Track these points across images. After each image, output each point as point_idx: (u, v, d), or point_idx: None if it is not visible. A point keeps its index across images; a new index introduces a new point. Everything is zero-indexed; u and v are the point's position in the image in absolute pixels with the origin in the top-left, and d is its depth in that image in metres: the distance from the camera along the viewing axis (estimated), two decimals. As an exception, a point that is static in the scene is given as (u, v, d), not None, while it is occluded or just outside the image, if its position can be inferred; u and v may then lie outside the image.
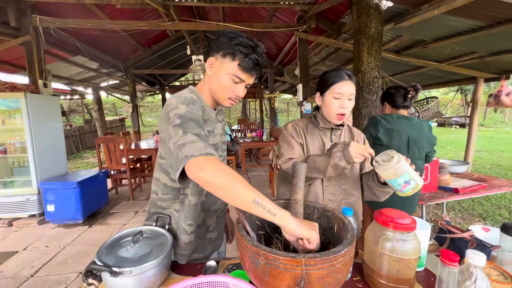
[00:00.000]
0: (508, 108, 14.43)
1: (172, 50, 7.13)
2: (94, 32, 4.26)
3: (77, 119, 16.03)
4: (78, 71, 5.73)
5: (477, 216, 3.35)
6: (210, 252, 1.00)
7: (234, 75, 0.80)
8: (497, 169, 5.78)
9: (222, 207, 1.00)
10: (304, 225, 0.62)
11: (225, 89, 0.83)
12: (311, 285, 0.53)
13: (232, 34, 0.80)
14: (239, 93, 0.84)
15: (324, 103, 1.04)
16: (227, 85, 0.82)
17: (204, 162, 0.63)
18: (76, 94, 9.62)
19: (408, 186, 0.83)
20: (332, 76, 1.01)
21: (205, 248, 0.98)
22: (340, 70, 1.02)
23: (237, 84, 0.83)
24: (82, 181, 3.06)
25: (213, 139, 0.92)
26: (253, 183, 4.77)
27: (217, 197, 0.86)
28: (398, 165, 0.81)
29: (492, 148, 8.56)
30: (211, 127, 0.91)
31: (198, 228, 0.91)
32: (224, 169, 0.63)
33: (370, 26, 2.23)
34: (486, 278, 0.51)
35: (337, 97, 1.00)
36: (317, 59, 5.06)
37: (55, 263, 2.31)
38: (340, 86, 0.99)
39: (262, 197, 0.61)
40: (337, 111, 1.01)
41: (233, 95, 0.84)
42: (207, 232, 0.97)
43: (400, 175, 0.81)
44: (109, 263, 0.67)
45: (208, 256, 1.00)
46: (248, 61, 0.79)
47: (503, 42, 2.96)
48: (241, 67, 0.79)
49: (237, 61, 0.79)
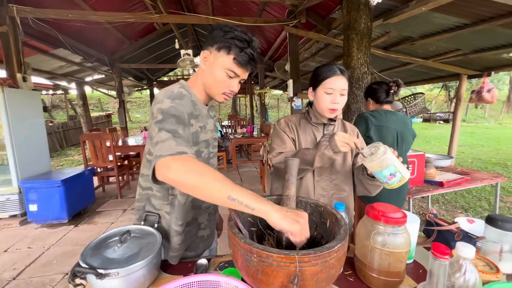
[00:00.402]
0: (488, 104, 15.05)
1: (160, 44, 6.95)
2: (77, 24, 4.07)
3: (61, 115, 15.43)
4: (60, 65, 5.47)
5: (460, 208, 3.49)
6: (202, 250, 0.99)
7: (229, 69, 0.79)
8: (478, 163, 6.03)
9: (212, 205, 0.98)
10: (287, 218, 0.58)
11: (219, 83, 0.81)
12: (304, 282, 0.52)
13: (227, 28, 0.78)
14: (234, 88, 0.83)
15: (316, 98, 1.04)
16: (221, 80, 0.80)
17: (172, 162, 0.60)
18: (59, 89, 9.25)
19: (394, 178, 0.83)
20: (324, 71, 1.01)
21: (197, 246, 0.96)
22: (333, 65, 1.02)
23: (232, 79, 0.81)
24: (67, 179, 2.95)
25: (204, 135, 0.90)
26: (244, 179, 4.77)
27: None
28: (384, 157, 0.81)
29: (473, 142, 8.92)
30: (203, 123, 0.88)
31: (188, 226, 0.89)
32: (194, 167, 0.60)
33: (359, 22, 2.24)
34: (475, 270, 0.53)
35: (329, 92, 0.99)
36: (307, 55, 5.06)
37: (39, 265, 2.22)
38: (332, 81, 0.99)
39: (238, 191, 0.58)
40: (329, 106, 1.00)
41: (227, 90, 0.83)
42: (199, 230, 0.95)
43: (386, 167, 0.82)
44: (94, 264, 0.64)
45: (200, 254, 0.98)
46: (244, 55, 0.77)
47: (485, 39, 3.05)
48: (236, 61, 0.78)
49: (233, 55, 0.77)
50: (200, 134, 0.86)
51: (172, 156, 0.61)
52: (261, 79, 7.50)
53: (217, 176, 0.60)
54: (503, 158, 6.48)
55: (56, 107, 16.46)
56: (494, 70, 3.95)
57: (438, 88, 17.11)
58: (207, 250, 1.04)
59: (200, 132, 0.87)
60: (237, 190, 0.58)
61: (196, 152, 0.86)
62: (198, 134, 0.86)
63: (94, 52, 5.46)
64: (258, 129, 6.65)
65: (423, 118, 16.04)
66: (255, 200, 0.58)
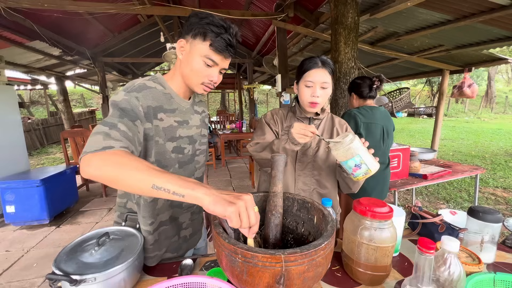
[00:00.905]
0: (469, 99, 15.63)
1: (145, 37, 6.71)
2: (54, 14, 3.85)
3: (41, 111, 14.74)
4: (37, 58, 5.17)
5: (442, 199, 3.63)
6: (184, 250, 0.94)
7: (205, 56, 0.74)
8: (459, 155, 6.28)
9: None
10: (220, 201, 0.50)
11: (197, 73, 0.77)
12: (291, 281, 0.51)
13: (203, 14, 0.74)
14: (213, 77, 0.78)
15: (299, 91, 1.03)
16: (199, 69, 0.76)
17: (92, 157, 0.56)
18: (38, 84, 8.80)
19: (359, 170, 0.81)
20: (306, 63, 0.99)
21: (179, 247, 0.92)
22: (316, 58, 0.99)
23: (210, 68, 0.77)
24: (47, 178, 2.82)
25: (186, 130, 0.86)
26: (233, 175, 4.74)
27: None
28: (350, 146, 0.78)
29: (454, 136, 9.27)
30: (182, 118, 0.84)
31: (164, 225, 0.85)
32: (114, 160, 0.56)
33: (347, 16, 2.24)
34: (459, 263, 0.53)
35: (309, 85, 0.97)
36: (295, 50, 5.04)
37: (18, 269, 2.12)
38: (311, 73, 0.97)
39: (164, 178, 0.52)
40: (309, 100, 0.98)
41: (206, 79, 0.78)
42: (180, 230, 0.91)
43: (351, 157, 0.79)
44: (69, 270, 0.60)
45: (183, 254, 0.94)
46: (220, 40, 0.73)
47: (467, 35, 3.14)
48: (213, 47, 0.73)
49: (209, 41, 0.73)
50: (177, 129, 0.82)
51: (94, 153, 0.57)
52: (250, 74, 7.42)
53: (139, 165, 0.54)
54: (482, 150, 6.78)
55: (35, 103, 15.69)
56: (475, 66, 4.08)
57: (422, 83, 17.62)
58: (192, 250, 1.01)
59: (178, 127, 0.82)
60: (162, 178, 0.52)
61: (174, 148, 0.82)
62: (174, 129, 0.81)
63: (74, 45, 5.19)
64: (247, 125, 6.61)
65: (408, 113, 16.49)
66: (184, 185, 0.51)
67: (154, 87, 0.78)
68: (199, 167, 0.95)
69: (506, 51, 9.12)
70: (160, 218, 0.83)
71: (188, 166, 0.88)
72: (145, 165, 0.55)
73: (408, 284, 0.53)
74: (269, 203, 0.73)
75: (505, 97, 19.11)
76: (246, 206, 0.51)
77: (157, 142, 0.78)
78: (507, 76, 27.15)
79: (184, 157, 0.86)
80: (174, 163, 0.83)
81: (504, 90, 23.02)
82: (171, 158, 0.82)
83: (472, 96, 3.87)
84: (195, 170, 0.93)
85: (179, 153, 0.84)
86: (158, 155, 0.79)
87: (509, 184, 4.13)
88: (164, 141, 0.79)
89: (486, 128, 11.07)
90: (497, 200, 3.54)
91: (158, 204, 0.81)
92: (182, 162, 0.86)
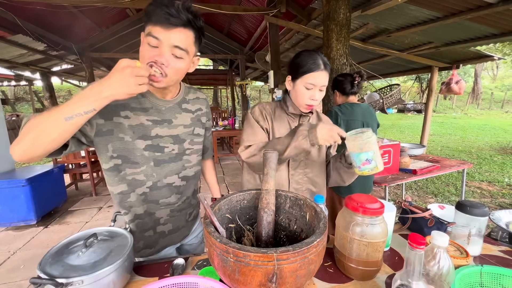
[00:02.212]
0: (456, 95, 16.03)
1: (134, 32, 6.53)
2: (37, 7, 3.70)
3: (26, 108, 14.26)
4: (20, 53, 4.97)
5: (430, 193, 3.72)
6: (161, 246, 0.92)
7: (147, 35, 0.67)
8: (446, 151, 6.45)
9: (178, 202, 0.91)
10: (112, 82, 0.56)
11: (143, 56, 0.69)
12: (283, 279, 0.50)
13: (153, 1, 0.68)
14: (157, 55, 0.67)
15: (295, 91, 0.97)
16: (144, 51, 0.69)
17: (13, 145, 0.59)
18: (22, 80, 8.49)
19: (368, 165, 0.83)
20: (308, 63, 0.92)
21: (156, 242, 0.90)
22: (317, 57, 0.93)
23: (154, 49, 0.67)
24: (33, 177, 2.73)
25: (168, 130, 0.84)
26: (226, 172, 4.73)
27: (168, 191, 0.88)
28: (368, 140, 0.81)
29: (442, 132, 9.50)
30: (159, 117, 0.83)
31: (139, 218, 0.86)
32: (24, 130, 0.58)
33: (339, 12, 2.24)
34: (448, 257, 0.54)
35: (309, 88, 0.93)
36: (287, 46, 5.03)
37: (4, 271, 2.06)
38: (314, 76, 0.91)
39: (69, 107, 0.55)
40: (307, 102, 0.95)
41: (150, 60, 0.67)
42: (157, 225, 0.89)
43: (366, 150, 0.82)
44: (55, 273, 0.58)
45: (160, 250, 0.93)
46: (156, 9, 0.65)
47: (455, 33, 3.20)
48: (152, 21, 0.66)
49: (150, 19, 0.67)
50: (152, 128, 0.81)
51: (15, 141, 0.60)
52: (242, 70, 7.37)
53: (46, 114, 0.56)
54: (468, 145, 6.98)
55: (20, 99, 15.16)
56: (462, 63, 4.18)
57: (412, 80, 17.93)
58: (173, 247, 0.97)
59: (154, 126, 0.81)
60: (67, 107, 0.55)
61: (147, 146, 0.81)
62: (147, 128, 0.80)
63: (60, 39, 5.01)
64: (239, 121, 6.57)
65: (398, 109, 16.78)
66: (87, 98, 0.55)
67: None
68: (190, 166, 0.93)
69: (493, 48, 9.38)
70: (134, 211, 0.85)
71: (169, 165, 0.86)
72: (50, 111, 0.56)
73: (399, 279, 0.54)
74: (261, 201, 0.72)
75: (491, 93, 19.70)
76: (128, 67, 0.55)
77: (122, 139, 0.78)
78: (492, 73, 27.97)
79: (164, 155, 0.85)
80: (147, 161, 0.82)
81: (490, 86, 23.74)
82: (143, 156, 0.81)
83: (459, 93, 3.96)
84: (183, 169, 0.91)
85: (155, 151, 0.83)
86: (124, 151, 0.79)
87: (494, 178, 4.27)
88: (132, 139, 0.78)
89: (472, 124, 11.40)
90: (482, 194, 3.66)
91: (130, 197, 0.83)
92: (159, 160, 0.84)
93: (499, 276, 0.63)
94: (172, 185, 0.88)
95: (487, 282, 0.63)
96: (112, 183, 0.82)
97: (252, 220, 0.79)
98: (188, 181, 0.93)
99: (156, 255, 0.92)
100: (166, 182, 0.87)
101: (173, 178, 0.88)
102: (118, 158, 0.79)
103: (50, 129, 0.55)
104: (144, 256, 0.90)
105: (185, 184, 0.92)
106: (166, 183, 0.86)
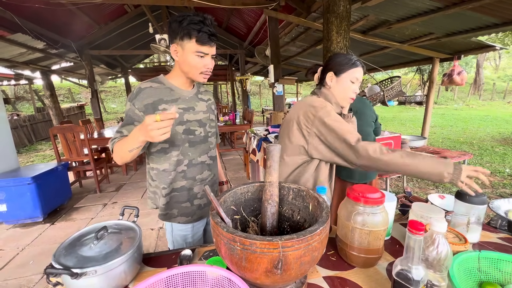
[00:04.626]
0: (458, 87, 15.90)
1: (133, 28, 6.50)
2: (35, 5, 3.68)
3: (27, 107, 14.28)
4: (20, 52, 4.96)
5: (431, 184, 3.74)
6: (198, 216, 1.08)
7: (196, 51, 0.90)
8: (448, 142, 6.44)
9: (209, 177, 1.10)
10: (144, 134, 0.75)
11: (195, 67, 0.93)
12: (288, 265, 0.52)
13: (180, 18, 0.88)
14: (208, 65, 0.95)
15: (340, 84, 1.03)
16: (195, 63, 0.92)
17: (113, 153, 0.90)
18: (22, 79, 8.48)
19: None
20: (353, 60, 1.02)
21: (193, 213, 1.07)
22: (353, 56, 1.03)
23: (203, 58, 0.93)
24: (38, 175, 2.77)
25: (194, 115, 1.01)
26: (228, 167, 4.75)
27: (201, 168, 1.07)
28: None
29: (443, 123, 9.47)
30: (186, 105, 1.00)
31: (176, 192, 1.02)
32: (115, 150, 0.88)
33: (339, 5, 2.22)
34: (446, 243, 0.56)
35: (354, 81, 1.02)
36: (287, 39, 4.99)
37: (14, 266, 2.11)
38: (359, 71, 1.02)
39: (127, 144, 0.81)
40: (350, 95, 1.03)
41: (203, 69, 0.94)
42: (194, 199, 1.06)
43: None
44: (69, 264, 0.60)
45: (197, 220, 1.09)
46: (203, 35, 0.88)
47: (456, 23, 3.16)
48: (199, 42, 0.89)
49: (194, 38, 0.88)
50: (183, 114, 0.98)
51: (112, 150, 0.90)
52: (242, 65, 7.32)
53: (120, 146, 0.85)
54: (470, 137, 6.96)
55: (20, 98, 15.17)
56: (464, 54, 4.14)
57: (413, 72, 17.78)
58: (205, 220, 1.14)
59: (184, 113, 0.98)
60: (127, 144, 0.82)
61: (184, 130, 0.99)
62: (181, 115, 0.97)
63: (59, 37, 5.00)
64: (240, 116, 6.57)
65: (399, 101, 16.68)
66: (133, 141, 0.79)
67: (149, 87, 0.94)
68: (213, 147, 1.12)
69: (495, 38, 9.25)
70: (173, 186, 1.02)
71: (200, 145, 1.05)
72: (121, 143, 0.85)
73: (399, 264, 0.56)
74: (265, 192, 0.74)
75: (493, 84, 19.50)
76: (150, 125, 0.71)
77: None
78: (494, 64, 27.64)
79: (196, 137, 1.02)
80: (184, 143, 1.00)
81: (492, 77, 23.49)
82: (181, 139, 0.99)
83: (461, 84, 3.93)
84: (209, 149, 1.09)
85: (189, 134, 1.00)
86: (170, 137, 0.88)
87: (495, 168, 4.28)
88: (174, 125, 0.95)
89: (474, 115, 11.34)
90: (483, 184, 3.67)
91: (171, 174, 1.00)
92: (193, 142, 1.02)
93: (496, 261, 0.65)
94: (204, 163, 1.07)
95: (485, 267, 0.65)
96: (158, 162, 1.00)
97: (256, 212, 0.81)
98: (214, 160, 1.13)
99: (192, 224, 1.08)
100: (200, 161, 1.05)
101: (204, 157, 1.07)
102: (166, 142, 0.97)
103: (124, 155, 0.86)
104: (181, 222, 1.05)
105: (212, 163, 1.12)
106: (200, 161, 1.05)
